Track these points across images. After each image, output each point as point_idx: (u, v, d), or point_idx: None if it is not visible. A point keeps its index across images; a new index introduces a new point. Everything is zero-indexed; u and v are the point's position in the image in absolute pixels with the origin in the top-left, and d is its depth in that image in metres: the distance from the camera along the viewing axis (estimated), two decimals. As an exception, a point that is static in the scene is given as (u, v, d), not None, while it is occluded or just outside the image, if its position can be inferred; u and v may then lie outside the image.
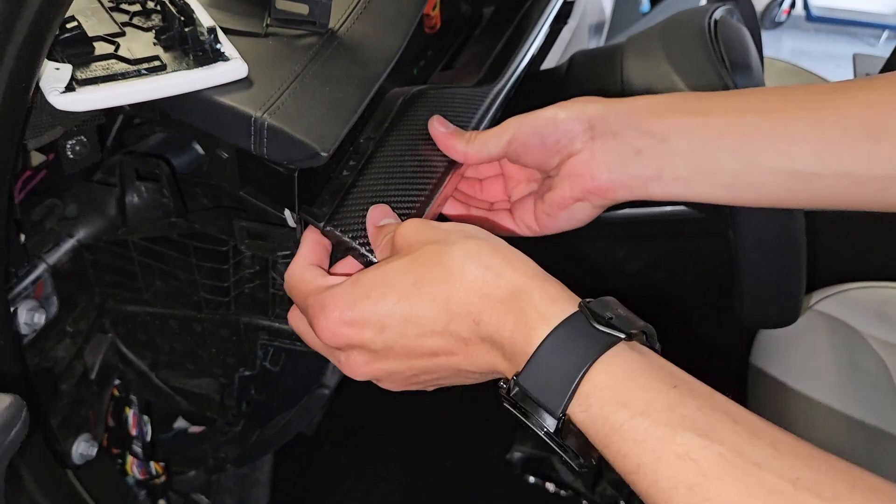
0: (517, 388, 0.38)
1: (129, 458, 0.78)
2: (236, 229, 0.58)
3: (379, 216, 0.51)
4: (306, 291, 0.46)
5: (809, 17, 4.14)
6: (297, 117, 0.51)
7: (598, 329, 0.36)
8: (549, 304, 0.38)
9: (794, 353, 1.12)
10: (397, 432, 1.45)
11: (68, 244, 0.65)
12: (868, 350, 1.11)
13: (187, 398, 0.75)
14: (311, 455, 1.41)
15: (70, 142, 0.58)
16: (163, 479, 0.83)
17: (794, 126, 0.44)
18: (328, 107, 0.53)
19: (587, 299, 0.39)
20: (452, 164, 0.58)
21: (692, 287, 1.36)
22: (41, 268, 0.62)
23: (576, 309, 0.38)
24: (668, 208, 1.13)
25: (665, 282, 1.36)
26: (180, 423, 0.89)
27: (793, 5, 4.09)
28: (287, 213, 0.56)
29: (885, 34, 4.11)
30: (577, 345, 0.36)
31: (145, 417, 0.79)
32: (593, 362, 0.35)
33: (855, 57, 1.40)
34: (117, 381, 0.76)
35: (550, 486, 1.36)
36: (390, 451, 1.44)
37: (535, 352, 0.37)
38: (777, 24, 4.09)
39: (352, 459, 1.41)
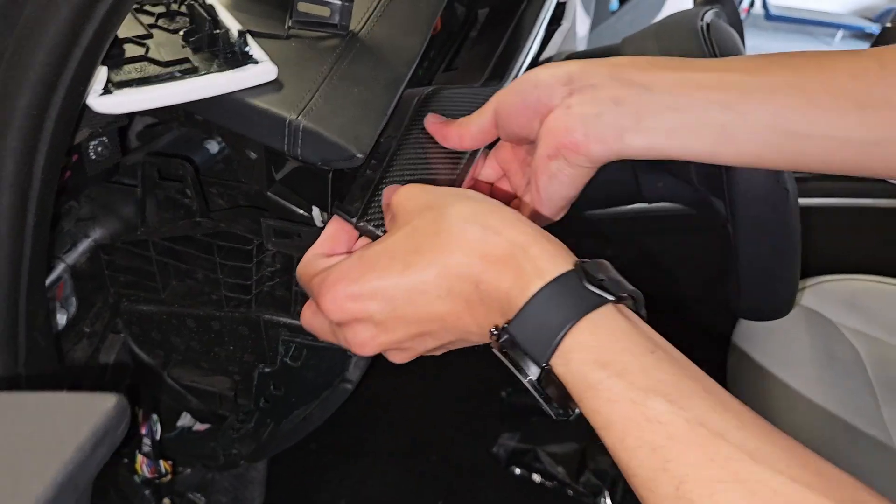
0: (506, 336, 0.39)
1: (139, 457, 0.79)
2: (263, 228, 0.58)
3: (391, 195, 0.50)
4: (312, 274, 0.46)
5: (768, 16, 4.25)
6: (331, 119, 0.52)
7: (588, 289, 0.38)
8: (546, 261, 0.39)
9: (772, 344, 1.16)
10: (383, 429, 1.46)
11: (85, 244, 0.65)
12: (842, 340, 1.15)
13: (199, 396, 0.75)
14: (297, 453, 1.41)
15: (93, 143, 0.59)
16: (169, 477, 0.84)
17: (780, 89, 0.45)
18: (359, 108, 0.54)
19: (583, 259, 0.40)
20: (469, 157, 0.60)
21: (673, 281, 1.40)
22: (61, 268, 0.62)
23: (571, 267, 0.39)
24: (656, 205, 1.16)
25: (646, 276, 1.40)
26: (184, 420, 0.89)
27: (752, 4, 4.19)
28: (315, 211, 0.58)
29: (841, 33, 4.24)
30: (566, 301, 0.38)
31: (154, 416, 0.79)
32: (578, 320, 0.37)
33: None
34: (127, 381, 0.76)
35: (536, 477, 1.39)
36: (377, 447, 1.45)
37: (526, 303, 0.38)
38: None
39: (339, 457, 1.42)
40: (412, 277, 0.42)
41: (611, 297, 0.38)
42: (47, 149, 0.40)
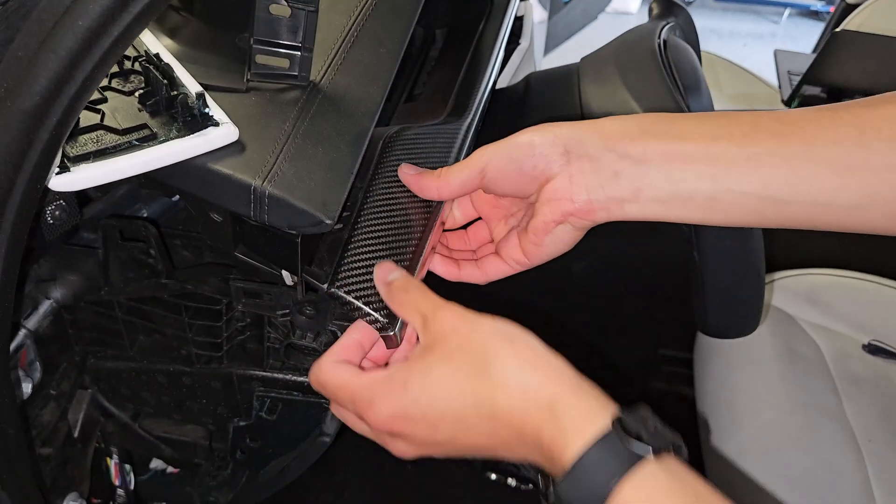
0: (555, 496, 0.41)
1: (114, 509, 0.77)
2: (233, 290, 0.57)
3: (386, 272, 0.52)
4: (345, 388, 0.48)
5: (717, -4, 4.30)
6: (297, 183, 0.51)
7: (628, 448, 0.39)
8: (584, 419, 0.41)
9: (736, 342, 1.17)
10: (360, 440, 1.46)
11: (46, 306, 0.63)
12: (804, 335, 1.18)
13: (173, 446, 0.74)
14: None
15: (49, 207, 0.57)
16: (146, 523, 0.82)
17: (764, 159, 0.47)
18: (325, 169, 0.53)
19: (621, 412, 0.41)
20: (437, 204, 0.60)
21: (638, 280, 1.41)
22: (22, 334, 0.60)
23: (609, 423, 0.40)
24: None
25: (612, 276, 1.41)
26: (157, 462, 0.88)
27: (701, -14, 4.23)
28: (284, 272, 0.57)
29: (787, 11, 4.31)
30: (608, 464, 0.39)
31: (127, 466, 0.78)
32: (621, 480, 0.39)
33: (776, 53, 1.47)
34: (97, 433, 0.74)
35: (512, 482, 1.41)
36: (354, 458, 1.45)
37: (571, 466, 0.40)
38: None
39: (316, 469, 1.41)
40: (456, 414, 0.44)
41: (650, 453, 0.39)
42: (5, 250, 0.39)
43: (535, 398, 0.42)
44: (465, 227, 0.64)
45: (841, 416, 1.05)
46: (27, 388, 0.60)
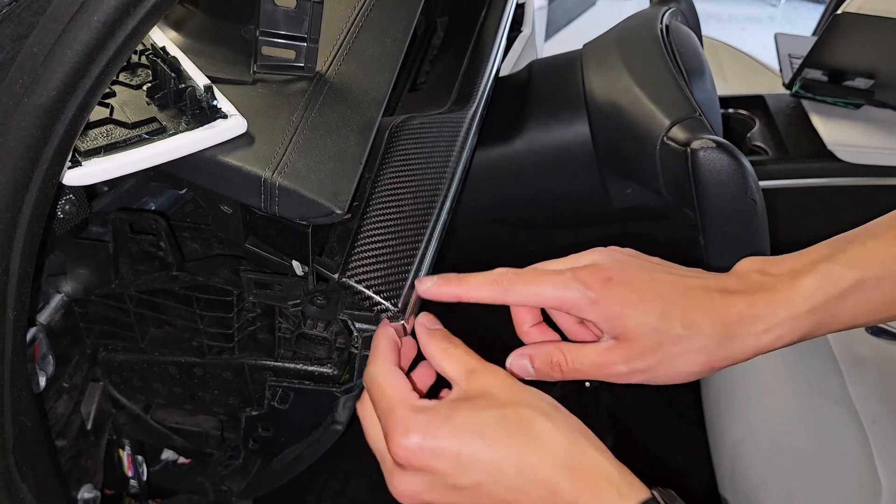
0: None
1: (127, 499, 0.78)
2: (244, 281, 0.58)
3: (429, 322, 0.51)
4: (391, 400, 0.46)
5: (715, -21, 4.28)
6: (307, 174, 0.51)
7: None
8: (626, 486, 0.42)
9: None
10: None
11: (57, 300, 0.64)
12: (806, 318, 1.18)
13: (184, 436, 0.75)
14: (279, 457, 1.41)
15: (60, 202, 0.57)
16: (158, 513, 0.83)
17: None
18: (334, 160, 0.53)
19: (653, 492, 0.42)
20: (445, 195, 0.60)
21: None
22: (34, 329, 0.61)
23: (648, 496, 0.42)
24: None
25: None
26: (168, 453, 0.89)
27: (698, -31, 4.20)
28: (295, 262, 0.57)
29: (785, -5, 4.29)
30: None
31: (139, 458, 0.78)
32: None
33: (777, 37, 1.47)
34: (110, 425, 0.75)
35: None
36: (362, 447, 1.45)
37: None
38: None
39: (324, 457, 1.42)
40: (494, 461, 0.43)
41: None
42: (22, 245, 0.39)
43: (579, 458, 0.42)
44: None
45: (845, 398, 1.06)
46: (42, 381, 0.61)
